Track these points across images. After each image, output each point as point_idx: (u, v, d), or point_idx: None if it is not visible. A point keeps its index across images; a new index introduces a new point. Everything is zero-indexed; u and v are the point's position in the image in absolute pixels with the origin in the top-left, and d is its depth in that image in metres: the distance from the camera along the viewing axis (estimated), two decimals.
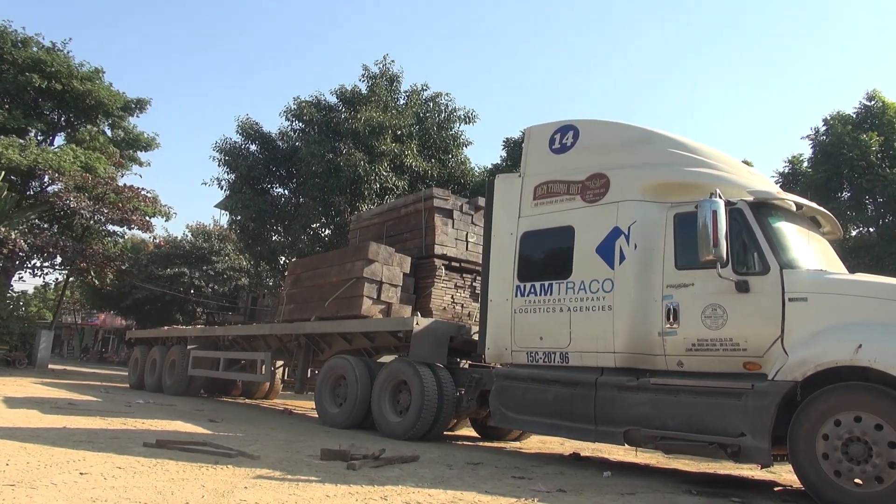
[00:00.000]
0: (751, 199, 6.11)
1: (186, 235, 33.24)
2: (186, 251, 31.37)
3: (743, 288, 5.74)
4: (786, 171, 18.01)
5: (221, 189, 20.93)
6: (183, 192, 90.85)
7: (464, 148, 21.11)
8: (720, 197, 5.82)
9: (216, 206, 32.22)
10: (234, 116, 36.15)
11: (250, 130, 20.76)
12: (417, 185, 19.13)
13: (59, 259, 22.04)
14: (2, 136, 20.87)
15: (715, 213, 5.66)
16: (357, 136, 18.70)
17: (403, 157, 18.90)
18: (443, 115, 20.89)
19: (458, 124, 21.00)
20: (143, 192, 22.49)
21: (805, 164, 17.72)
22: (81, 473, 4.55)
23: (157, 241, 28.56)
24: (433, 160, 20.37)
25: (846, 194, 16.98)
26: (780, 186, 17.05)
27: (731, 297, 5.78)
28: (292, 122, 20.63)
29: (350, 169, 17.80)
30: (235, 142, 20.65)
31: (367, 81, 20.80)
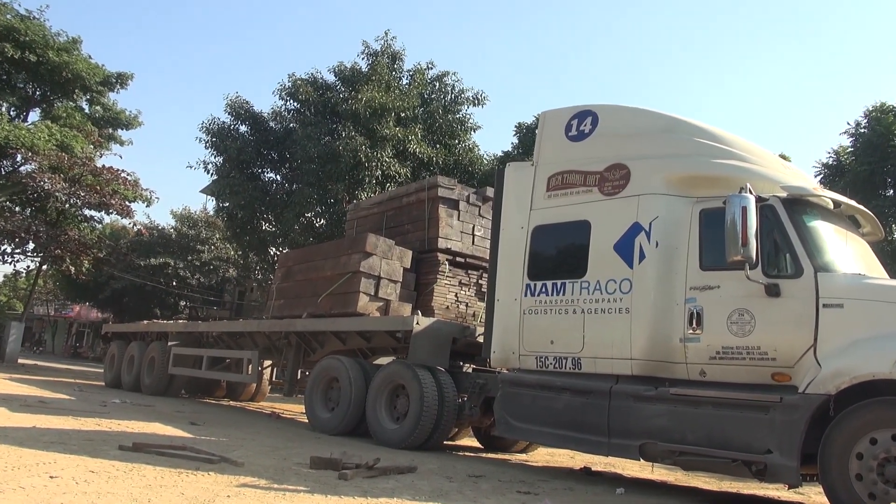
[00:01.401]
0: (784, 195, 6.09)
1: (170, 223, 33.33)
2: (169, 239, 31.45)
3: (773, 292, 5.73)
4: (830, 162, 17.93)
5: (208, 173, 20.98)
6: (167, 176, 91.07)
7: (472, 133, 21.06)
8: (750, 192, 5.80)
9: (202, 192, 32.28)
10: (223, 94, 36.19)
11: (240, 110, 20.75)
12: (421, 172, 19.12)
13: (31, 245, 22.16)
14: None
15: (744, 209, 5.64)
16: (357, 119, 18.68)
17: (406, 142, 18.88)
18: (449, 97, 20.85)
19: (466, 107, 20.94)
20: (123, 175, 22.55)
21: (850, 156, 17.61)
22: (52, 477, 4.58)
23: (138, 227, 28.61)
24: (438, 146, 20.34)
25: (891, 191, 16.88)
26: (823, 180, 17.00)
27: (760, 302, 5.77)
28: (286, 101, 20.63)
29: (349, 154, 17.80)
30: (224, 122, 20.66)
31: (368, 59, 20.77)
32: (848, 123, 17.73)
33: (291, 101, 20.60)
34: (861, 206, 6.73)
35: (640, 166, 6.80)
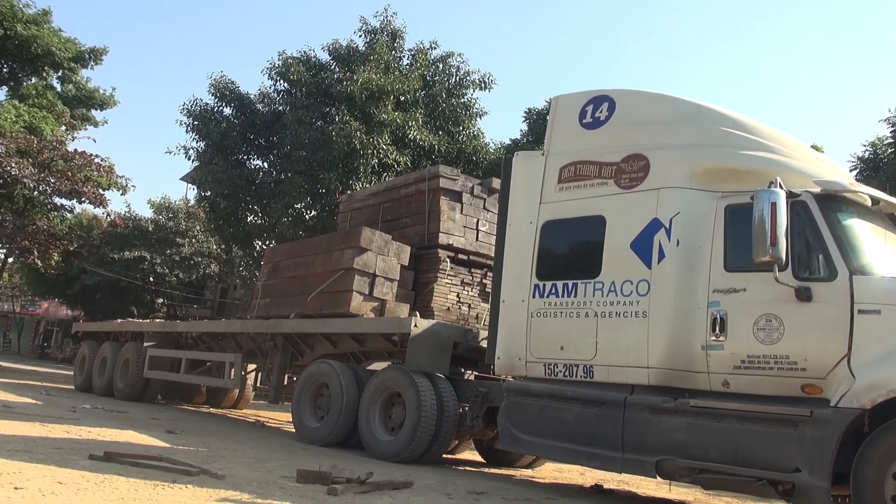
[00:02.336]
0: (817, 190, 6.08)
1: (148, 214, 33.37)
2: (146, 231, 31.48)
3: (804, 296, 5.72)
4: (866, 155, 17.87)
5: (189, 159, 21.00)
6: (144, 163, 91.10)
7: (477, 119, 21.07)
8: (781, 187, 5.79)
9: (182, 179, 32.33)
10: (207, 73, 36.19)
11: (225, 91, 20.76)
12: (421, 161, 19.12)
13: None
14: None
15: (774, 205, 5.63)
16: (352, 102, 18.68)
17: (406, 128, 18.88)
18: (454, 80, 20.85)
19: (471, 91, 20.95)
20: (96, 160, 22.56)
21: (889, 148, 17.55)
22: (16, 488, 4.59)
23: (113, 218, 28.65)
24: (441, 133, 20.33)
25: None
26: (859, 174, 16.94)
27: (790, 307, 5.77)
28: (276, 81, 20.64)
29: (343, 140, 17.80)
30: (207, 104, 20.68)
31: (366, 37, 20.76)
32: (889, 111, 17.64)
33: (281, 82, 20.61)
34: None
35: (660, 157, 6.79)
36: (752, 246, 5.70)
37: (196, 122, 20.32)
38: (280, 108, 20.57)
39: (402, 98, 19.47)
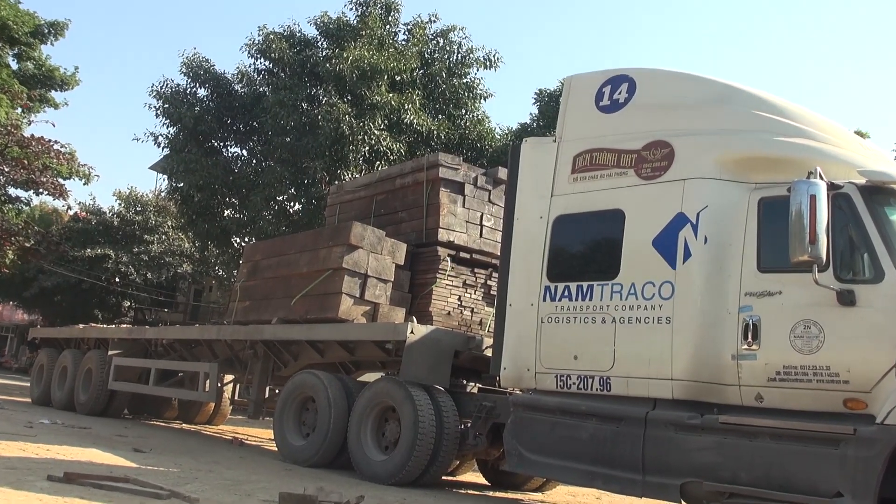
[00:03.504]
0: (862, 181, 6.07)
1: (114, 207, 33.32)
2: (111, 226, 31.47)
3: (847, 300, 5.72)
4: None
5: (159, 147, 20.97)
6: (110, 149, 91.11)
7: (482, 101, 21.04)
8: (821, 177, 5.79)
9: (151, 168, 32.33)
10: (179, 51, 36.13)
11: (199, 70, 20.73)
12: (419, 148, 19.10)
13: None
14: None
15: (813, 198, 5.63)
16: (342, 82, 18.64)
17: (402, 112, 18.86)
18: (455, 57, 20.82)
19: (475, 69, 20.93)
20: (55, 147, 22.55)
21: None
22: None
23: (75, 211, 28.67)
24: (441, 116, 20.31)
25: None
26: None
27: (831, 312, 5.76)
28: (256, 59, 20.62)
29: (331, 125, 17.79)
30: (179, 85, 20.66)
31: (357, 9, 20.72)
32: None
33: (262, 60, 20.59)
34: None
35: (686, 144, 6.78)
36: (788, 244, 5.69)
37: (167, 106, 20.29)
38: (261, 89, 20.53)
39: (398, 78, 19.43)
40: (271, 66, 20.52)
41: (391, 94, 18.88)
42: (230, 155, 21.61)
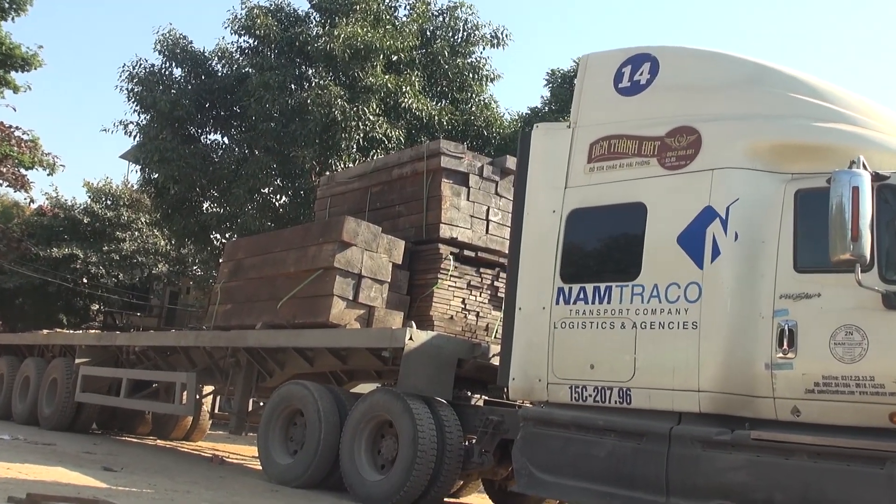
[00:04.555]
0: None
1: (78, 201, 33.32)
2: (79, 223, 31.48)
3: (893, 303, 5.71)
4: None
5: (130, 136, 20.96)
6: (78, 136, 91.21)
7: (489, 84, 21.03)
8: (865, 167, 5.78)
9: (122, 157, 32.35)
10: (153, 27, 36.11)
11: (175, 49, 20.74)
12: (419, 136, 19.09)
13: None
14: None
15: (856, 190, 5.62)
16: (333, 62, 18.64)
17: (400, 95, 18.86)
18: (460, 35, 20.83)
19: (481, 48, 20.92)
20: (16, 133, 22.57)
21: None
22: None
23: (39, 205, 28.65)
24: (443, 100, 20.30)
25: None
26: None
27: (875, 316, 5.76)
28: (239, 36, 20.64)
29: (322, 109, 17.78)
30: (153, 65, 20.66)
31: None
32: None
33: (245, 37, 20.60)
34: None
35: (714, 130, 6.78)
36: (828, 241, 5.68)
37: (139, 89, 20.29)
38: (244, 69, 20.51)
39: (396, 58, 19.42)
40: (256, 43, 20.52)
41: (388, 76, 18.86)
42: (209, 143, 21.63)
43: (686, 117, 6.96)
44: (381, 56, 18.91)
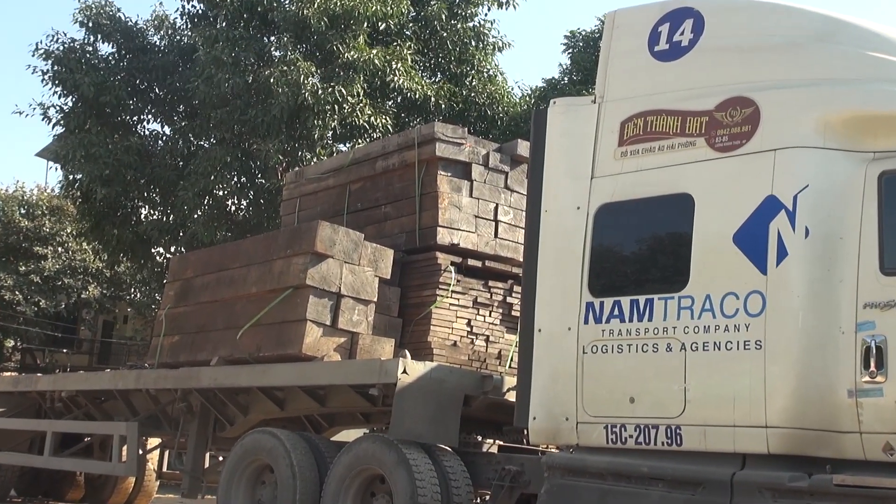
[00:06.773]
0: None
1: None
2: None
3: None
4: None
5: (50, 124, 21.01)
6: None
7: (495, 53, 21.14)
8: None
9: (39, 155, 32.41)
10: None
11: (101, 18, 20.79)
12: (410, 120, 19.15)
13: None
14: None
15: None
16: (305, 32, 18.69)
17: (387, 72, 18.86)
18: None
19: (484, 9, 21.01)
20: None
21: None
22: None
23: None
24: (439, 75, 20.36)
25: None
26: None
27: None
28: (184, 2, 20.70)
29: (289, 90, 17.81)
30: (74, 40, 20.71)
31: None
32: None
33: (191, 1, 20.66)
34: None
35: (776, 101, 6.78)
36: None
37: (58, 69, 20.33)
38: (189, 42, 20.58)
39: (382, 26, 19.46)
40: (204, 8, 20.57)
41: (375, 50, 18.87)
42: (147, 134, 21.71)
43: (740, 86, 6.95)
44: (365, 24, 18.91)
